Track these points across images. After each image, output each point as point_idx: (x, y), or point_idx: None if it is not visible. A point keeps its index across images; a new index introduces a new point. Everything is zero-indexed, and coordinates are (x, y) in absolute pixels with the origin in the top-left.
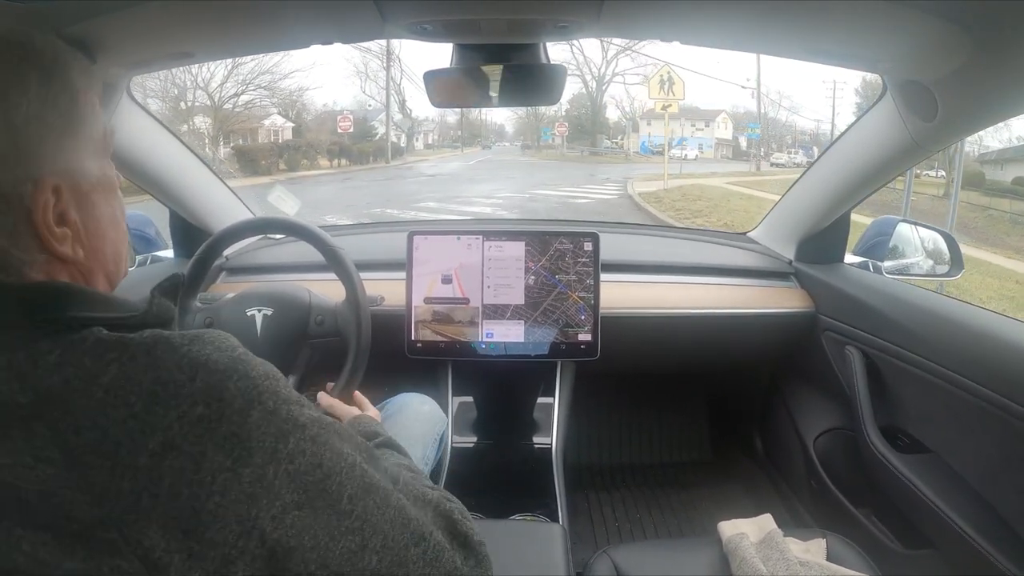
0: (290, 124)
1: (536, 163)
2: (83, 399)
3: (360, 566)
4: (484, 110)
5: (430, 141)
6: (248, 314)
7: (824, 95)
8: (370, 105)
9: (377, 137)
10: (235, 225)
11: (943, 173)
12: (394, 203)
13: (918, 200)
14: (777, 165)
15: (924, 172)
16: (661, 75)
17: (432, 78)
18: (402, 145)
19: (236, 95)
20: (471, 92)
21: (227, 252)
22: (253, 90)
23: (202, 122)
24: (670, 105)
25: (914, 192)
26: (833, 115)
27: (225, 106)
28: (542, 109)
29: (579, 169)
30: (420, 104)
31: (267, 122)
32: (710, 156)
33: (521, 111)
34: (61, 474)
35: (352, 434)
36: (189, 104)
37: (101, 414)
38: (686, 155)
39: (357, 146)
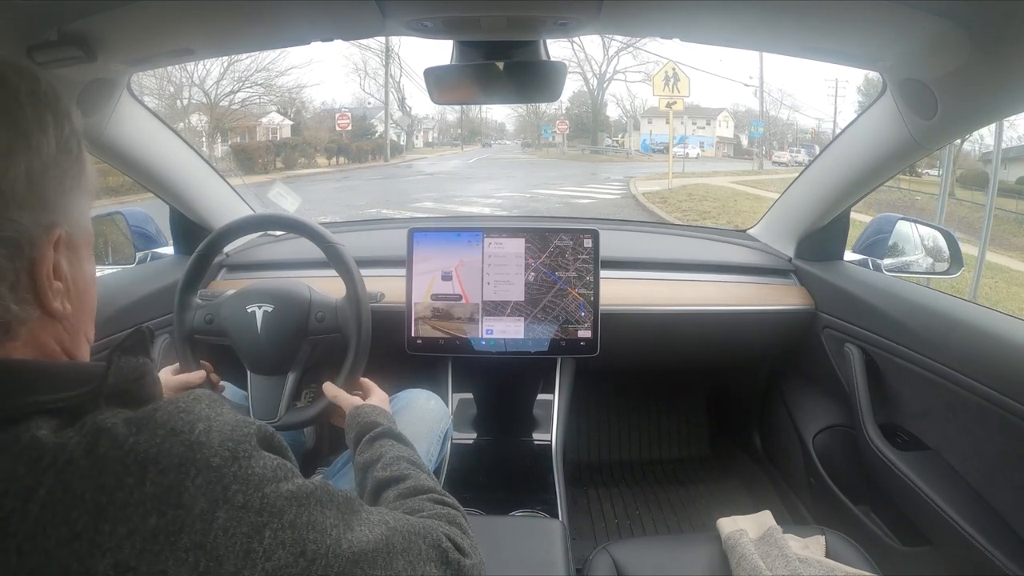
0: (288, 122)
1: (536, 161)
2: (20, 517)
3: None
4: (484, 108)
5: (430, 139)
6: (248, 311)
7: (826, 93)
8: (370, 103)
9: (377, 135)
10: (235, 222)
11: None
12: (391, 203)
13: (924, 201)
14: (779, 164)
15: (924, 171)
16: (666, 71)
17: (432, 75)
18: (401, 143)
19: (232, 92)
20: (471, 89)
21: (227, 249)
22: (250, 87)
23: (199, 120)
24: (675, 102)
25: (919, 192)
26: (835, 113)
27: (221, 103)
28: (543, 107)
29: (580, 168)
30: (420, 102)
31: (265, 120)
32: (711, 155)
33: (521, 109)
34: None
35: (333, 492)
36: (185, 102)
37: (41, 535)
38: (687, 153)
39: (356, 144)
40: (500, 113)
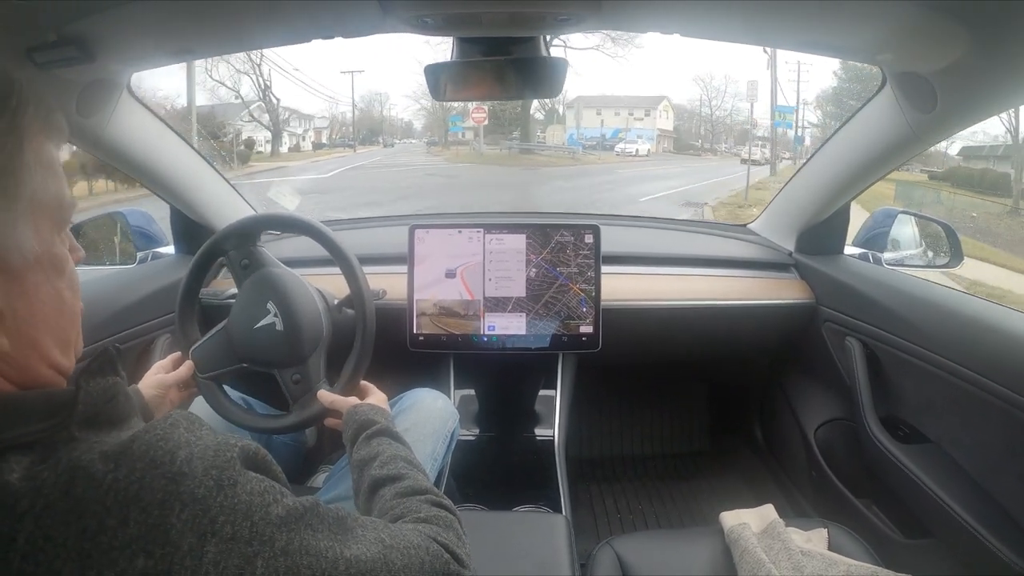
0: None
1: (442, 170)
2: (1, 570)
3: None
4: (388, 105)
5: (324, 140)
6: (264, 306)
7: (788, 79)
8: (237, 99)
9: (242, 138)
10: (237, 222)
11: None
12: None
13: (981, 219)
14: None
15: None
16: None
17: (433, 72)
18: (256, 149)
19: None
20: (472, 85)
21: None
22: None
23: None
24: None
25: (975, 208)
26: (798, 101)
27: None
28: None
29: (514, 175)
30: (303, 99)
31: None
32: (653, 150)
33: (428, 103)
34: None
35: (323, 511)
36: None
37: None
38: (637, 150)
39: None
40: (407, 111)
